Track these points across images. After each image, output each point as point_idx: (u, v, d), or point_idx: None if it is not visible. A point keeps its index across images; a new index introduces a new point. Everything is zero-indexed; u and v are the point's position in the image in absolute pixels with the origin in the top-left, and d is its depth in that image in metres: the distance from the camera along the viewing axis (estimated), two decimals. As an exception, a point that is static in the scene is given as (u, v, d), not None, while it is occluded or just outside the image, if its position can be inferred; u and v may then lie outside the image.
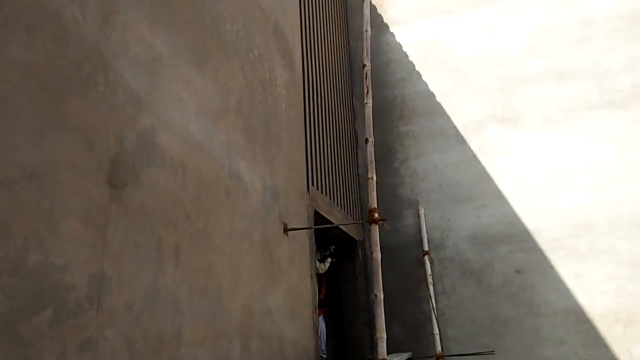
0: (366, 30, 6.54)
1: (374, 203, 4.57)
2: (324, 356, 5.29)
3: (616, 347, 4.82)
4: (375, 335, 3.45)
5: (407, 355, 5.34)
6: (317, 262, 5.30)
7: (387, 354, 3.33)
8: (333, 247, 5.81)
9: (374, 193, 4.38)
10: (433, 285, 5.61)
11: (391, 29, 6.72)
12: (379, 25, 6.79)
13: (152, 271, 2.07)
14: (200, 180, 2.57)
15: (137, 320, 1.93)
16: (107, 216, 1.86)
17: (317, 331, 3.99)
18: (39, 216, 1.58)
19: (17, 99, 1.56)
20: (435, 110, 6.28)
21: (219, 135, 2.84)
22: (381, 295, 3.46)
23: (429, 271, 5.63)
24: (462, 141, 6.03)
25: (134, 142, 2.09)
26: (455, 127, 6.12)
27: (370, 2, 6.84)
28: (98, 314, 1.74)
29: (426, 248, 5.73)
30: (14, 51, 1.58)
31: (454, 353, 5.27)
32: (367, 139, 5.76)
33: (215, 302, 2.53)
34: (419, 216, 5.92)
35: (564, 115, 5.62)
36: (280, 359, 3.23)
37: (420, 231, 5.85)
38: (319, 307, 4.56)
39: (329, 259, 5.78)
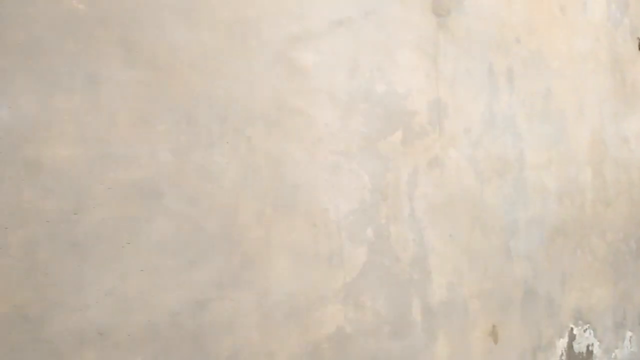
0: None
1: None
2: None
3: None
4: None
5: None
6: None
7: None
8: None
9: None
10: None
11: None
12: None
13: (487, 97, 2.05)
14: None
15: (477, 142, 1.98)
16: (436, 45, 1.90)
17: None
18: (379, 50, 1.74)
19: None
20: None
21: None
22: None
23: None
24: None
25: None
26: None
27: None
28: (440, 136, 1.87)
29: None
30: None
31: None
32: None
33: (558, 127, 2.35)
34: None
35: None
36: (643, 189, 2.84)
37: None
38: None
39: None
